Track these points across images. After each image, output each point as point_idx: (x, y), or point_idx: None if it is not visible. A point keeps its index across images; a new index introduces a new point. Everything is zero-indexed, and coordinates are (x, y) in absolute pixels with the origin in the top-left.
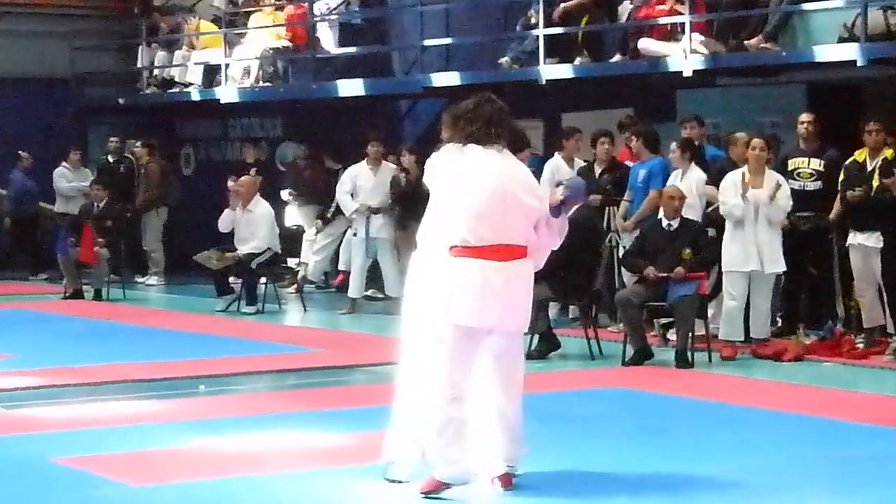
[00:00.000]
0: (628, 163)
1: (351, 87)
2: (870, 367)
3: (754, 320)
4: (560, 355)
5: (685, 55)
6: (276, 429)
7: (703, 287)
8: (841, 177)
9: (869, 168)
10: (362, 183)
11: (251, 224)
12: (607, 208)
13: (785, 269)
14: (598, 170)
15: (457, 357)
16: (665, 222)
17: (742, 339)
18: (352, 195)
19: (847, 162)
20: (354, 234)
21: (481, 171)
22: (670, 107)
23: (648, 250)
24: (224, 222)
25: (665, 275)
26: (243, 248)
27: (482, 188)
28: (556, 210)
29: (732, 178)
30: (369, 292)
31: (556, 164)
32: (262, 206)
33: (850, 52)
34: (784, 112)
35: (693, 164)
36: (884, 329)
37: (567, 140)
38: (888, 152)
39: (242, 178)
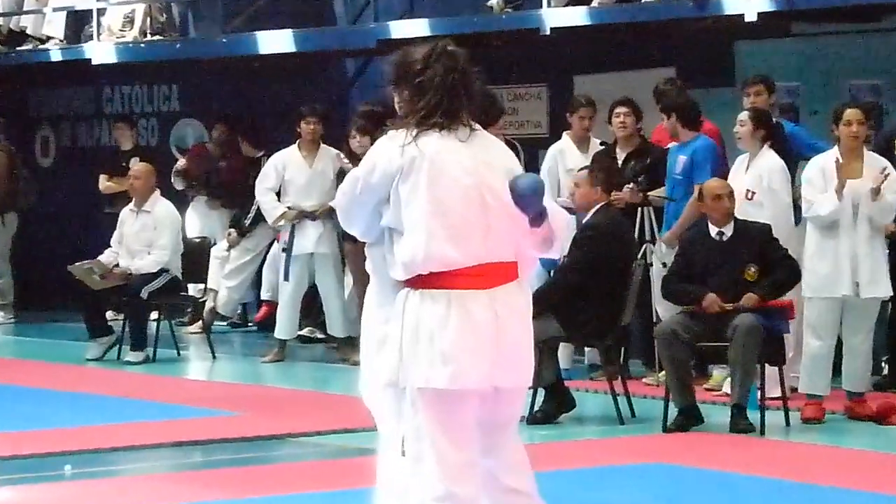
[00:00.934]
0: (672, 144)
1: (276, 42)
2: None
3: (848, 367)
4: (575, 417)
5: None
6: None
7: (790, 316)
8: None
9: None
10: (293, 176)
11: (146, 230)
12: (640, 210)
13: (892, 293)
14: (621, 154)
15: (442, 432)
16: (714, 231)
17: (828, 392)
18: (278, 194)
19: None
20: (283, 250)
21: (444, 168)
22: (727, 66)
23: (696, 271)
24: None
25: (731, 306)
26: (133, 266)
27: (448, 190)
28: (532, 219)
29: (819, 166)
30: (304, 331)
31: (563, 149)
32: (163, 207)
33: None
34: (888, 71)
35: (767, 146)
36: None
37: (575, 114)
38: None
39: (137, 166)
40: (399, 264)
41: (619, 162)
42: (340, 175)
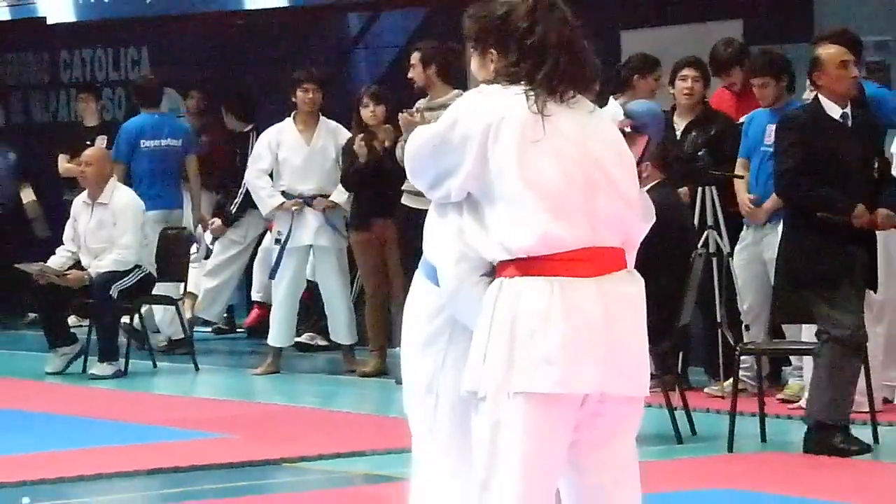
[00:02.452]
0: (743, 117)
1: None
2: None
3: None
4: None
5: None
6: None
7: None
8: None
9: None
10: (287, 155)
11: (104, 227)
12: (700, 189)
13: None
14: (680, 123)
15: (533, 451)
16: (837, 111)
17: None
18: (271, 177)
19: None
20: (277, 242)
21: (553, 137)
22: (803, 18)
23: (822, 166)
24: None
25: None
26: (94, 266)
27: (557, 161)
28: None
29: None
30: (303, 338)
31: (613, 117)
32: (123, 196)
33: None
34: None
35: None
36: None
37: (641, 78)
38: None
39: (88, 151)
40: (496, 243)
41: (679, 133)
42: (347, 152)
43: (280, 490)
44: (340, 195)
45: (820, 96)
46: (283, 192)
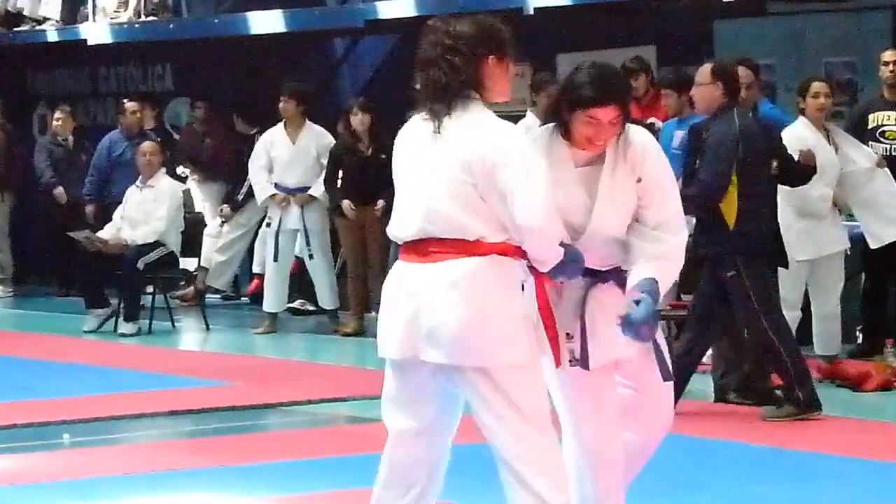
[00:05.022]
0: (656, 122)
1: (267, 22)
2: None
3: (820, 333)
4: None
5: None
6: (171, 491)
7: None
8: None
9: None
10: (278, 153)
11: (146, 203)
12: None
13: (848, 245)
14: None
15: (388, 398)
16: None
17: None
18: (272, 172)
19: None
20: (268, 225)
21: (409, 142)
22: (705, 44)
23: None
24: None
25: None
26: (130, 236)
27: (408, 163)
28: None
29: (806, 136)
30: (296, 303)
31: (528, 127)
32: (166, 182)
33: None
34: (862, 49)
35: None
36: None
37: (542, 92)
38: None
39: (146, 144)
40: None
41: None
42: (336, 152)
43: (275, 429)
44: (318, 189)
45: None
46: (276, 185)
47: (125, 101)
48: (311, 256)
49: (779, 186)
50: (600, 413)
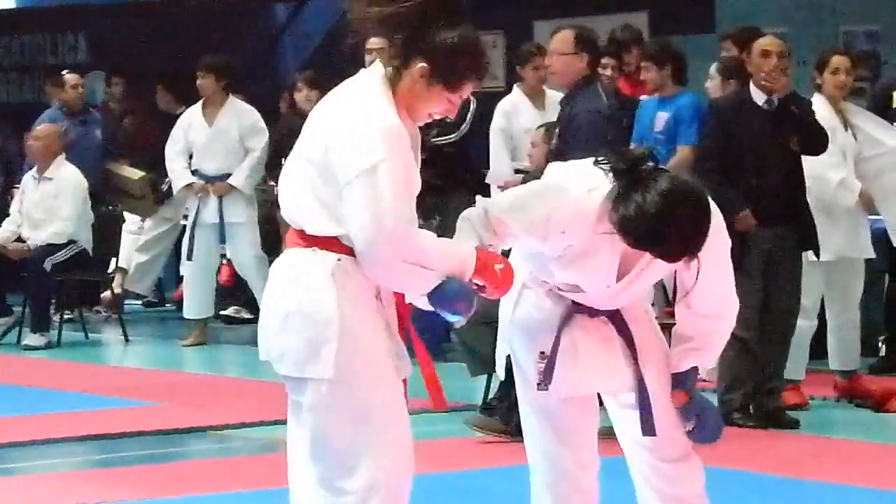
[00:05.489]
0: (647, 98)
1: None
2: None
3: (837, 344)
4: None
5: None
6: None
7: None
8: None
9: None
10: (194, 136)
11: (47, 198)
12: None
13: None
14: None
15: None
16: (762, 98)
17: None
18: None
19: None
20: (185, 217)
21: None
22: (706, 10)
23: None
24: None
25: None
26: (33, 238)
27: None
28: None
29: (822, 117)
30: (229, 311)
31: (514, 104)
32: (67, 173)
33: None
34: (886, 16)
35: None
36: None
37: (528, 65)
38: None
39: (39, 127)
40: None
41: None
42: (272, 136)
43: (205, 456)
44: (239, 176)
45: (751, 83)
46: (195, 172)
47: (65, 72)
48: (222, 256)
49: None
50: (572, 449)
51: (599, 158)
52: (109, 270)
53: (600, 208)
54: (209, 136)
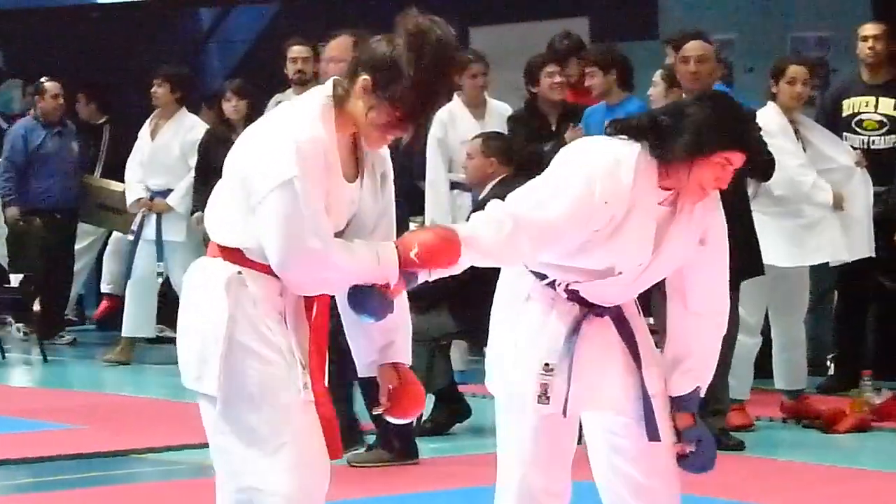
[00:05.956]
0: (594, 105)
1: None
2: None
3: (783, 362)
4: (471, 427)
5: None
6: None
7: None
8: None
9: None
10: (141, 148)
11: None
12: None
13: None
14: (552, 119)
15: None
16: None
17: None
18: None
19: None
20: (131, 233)
21: None
22: (649, 16)
23: None
24: None
25: None
26: None
27: None
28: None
29: (779, 124)
30: (160, 332)
31: (452, 114)
32: None
33: None
34: (836, 22)
35: None
36: None
37: (465, 73)
38: None
39: None
40: None
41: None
42: (205, 144)
43: (128, 480)
44: (176, 196)
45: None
46: (147, 189)
47: (44, 80)
48: (160, 274)
49: None
50: (549, 474)
51: (610, 130)
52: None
53: (639, 168)
54: (152, 150)
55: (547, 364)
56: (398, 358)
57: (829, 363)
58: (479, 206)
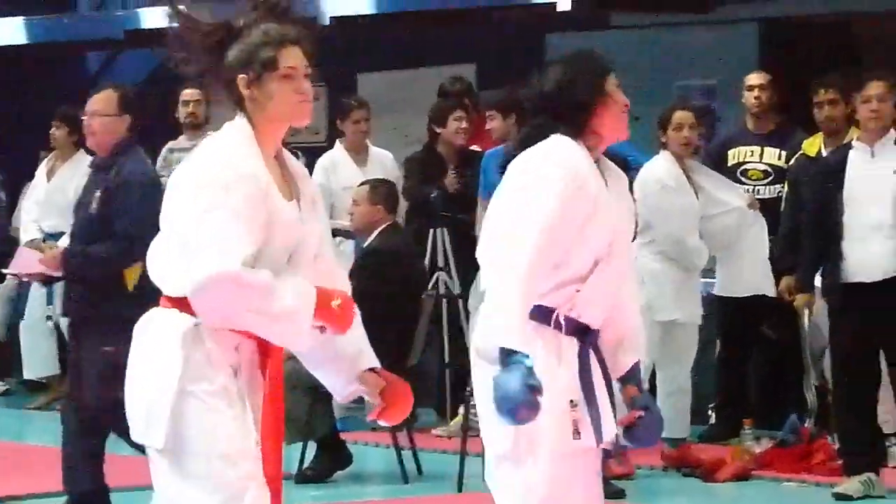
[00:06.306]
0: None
1: (4, 31)
2: None
3: (667, 410)
4: (352, 475)
5: None
6: None
7: None
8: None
9: None
10: (38, 187)
11: None
12: (433, 232)
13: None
14: (450, 166)
15: None
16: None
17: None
18: None
19: (795, 157)
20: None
21: None
22: (535, 62)
23: None
24: None
25: None
26: None
27: None
28: None
29: (673, 175)
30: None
31: (334, 160)
32: None
33: None
34: (722, 70)
35: None
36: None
37: (347, 119)
38: (855, 133)
39: None
40: None
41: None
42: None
43: None
44: (65, 239)
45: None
46: (41, 230)
47: None
48: (49, 317)
49: None
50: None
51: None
52: None
53: (571, 144)
54: (47, 191)
55: (572, 401)
56: (374, 363)
57: (710, 412)
58: (365, 252)
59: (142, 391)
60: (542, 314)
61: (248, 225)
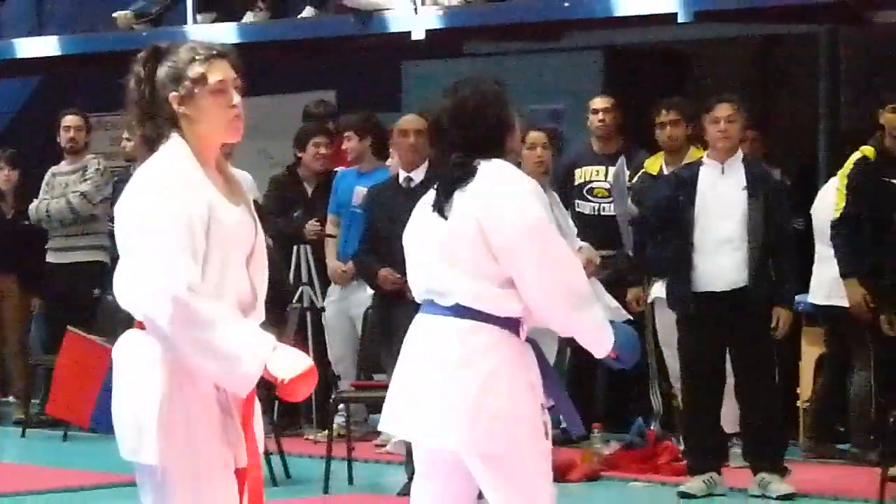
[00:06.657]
0: (342, 169)
1: None
2: None
3: None
4: None
5: (414, 8)
6: None
7: None
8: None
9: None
10: None
11: None
12: (296, 248)
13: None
14: (309, 188)
15: None
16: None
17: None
18: None
19: (638, 175)
20: None
21: None
22: (393, 88)
23: None
24: None
25: None
26: None
27: None
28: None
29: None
30: None
31: None
32: None
33: (669, 1)
34: (570, 94)
35: None
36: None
37: None
38: (696, 153)
39: None
40: None
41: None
42: None
43: None
44: None
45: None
46: None
47: None
48: None
49: None
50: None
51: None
52: None
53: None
54: None
55: (542, 404)
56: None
57: (560, 416)
58: None
59: (129, 409)
60: (510, 325)
61: (192, 247)
